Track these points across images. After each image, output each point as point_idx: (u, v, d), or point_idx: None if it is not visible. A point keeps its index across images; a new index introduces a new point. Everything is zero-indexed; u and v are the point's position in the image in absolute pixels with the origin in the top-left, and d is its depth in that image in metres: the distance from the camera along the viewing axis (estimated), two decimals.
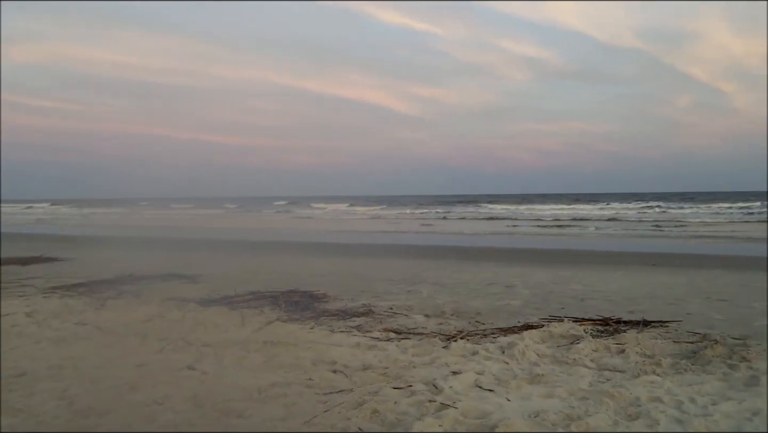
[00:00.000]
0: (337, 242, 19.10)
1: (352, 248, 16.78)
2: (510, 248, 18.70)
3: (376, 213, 49.42)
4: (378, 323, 6.66)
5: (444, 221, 37.26)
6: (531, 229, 28.23)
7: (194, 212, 52.02)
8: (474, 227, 30.45)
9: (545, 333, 5.87)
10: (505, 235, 24.93)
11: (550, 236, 24.00)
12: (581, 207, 50.70)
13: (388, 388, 4.25)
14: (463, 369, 4.69)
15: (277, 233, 24.82)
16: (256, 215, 48.15)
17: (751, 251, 16.79)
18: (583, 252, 16.86)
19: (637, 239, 22.27)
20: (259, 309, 7.29)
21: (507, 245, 19.56)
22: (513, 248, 18.34)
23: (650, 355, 5.16)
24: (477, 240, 22.16)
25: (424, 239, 22.62)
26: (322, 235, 24.26)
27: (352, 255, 14.66)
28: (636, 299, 8.27)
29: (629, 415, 3.70)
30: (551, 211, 46.31)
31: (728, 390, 4.21)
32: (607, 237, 23.15)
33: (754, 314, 7.15)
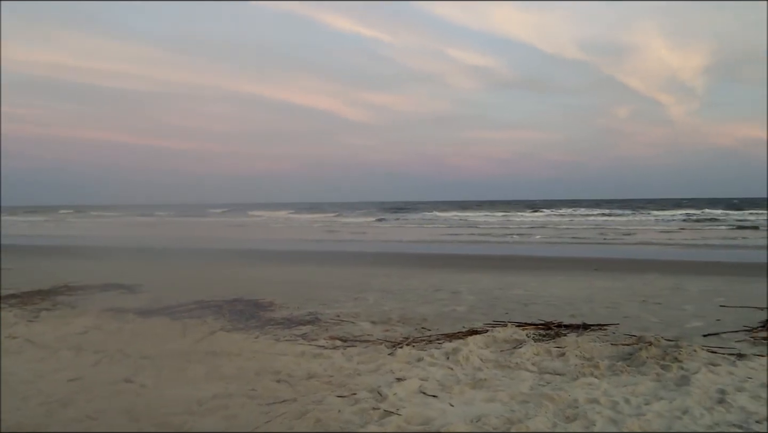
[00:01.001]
0: (282, 250, 18.87)
1: (300, 256, 16.63)
2: (457, 254, 18.94)
3: (315, 220, 49.02)
4: (324, 331, 6.62)
5: (388, 228, 37.42)
6: (475, 236, 28.65)
7: (126, 220, 50.39)
8: (421, 233, 30.69)
9: (489, 338, 5.96)
10: (452, 242, 25.23)
11: (495, 243, 24.44)
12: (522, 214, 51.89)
13: (332, 396, 4.22)
14: (408, 376, 4.71)
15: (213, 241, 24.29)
16: (180, 223, 46.84)
17: (684, 256, 17.56)
18: (528, 258, 17.26)
19: (579, 245, 22.93)
20: (201, 319, 7.12)
21: (454, 252, 19.80)
22: (460, 255, 18.59)
23: (589, 358, 5.31)
24: (424, 247, 22.35)
25: (371, 246, 22.63)
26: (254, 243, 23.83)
27: (300, 263, 14.53)
28: (577, 303, 8.51)
29: (567, 417, 3.80)
30: (494, 218, 47.22)
31: (661, 390, 4.38)
32: (550, 243, 23.74)
33: (686, 316, 7.48)
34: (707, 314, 7.50)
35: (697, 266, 14.16)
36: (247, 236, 29.12)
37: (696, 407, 3.93)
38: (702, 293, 9.26)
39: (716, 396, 4.17)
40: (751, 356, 5.26)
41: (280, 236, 29.94)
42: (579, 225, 36.43)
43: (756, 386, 4.42)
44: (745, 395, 4.20)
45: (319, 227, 38.06)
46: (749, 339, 6.06)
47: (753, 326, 6.66)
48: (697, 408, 3.92)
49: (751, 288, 9.77)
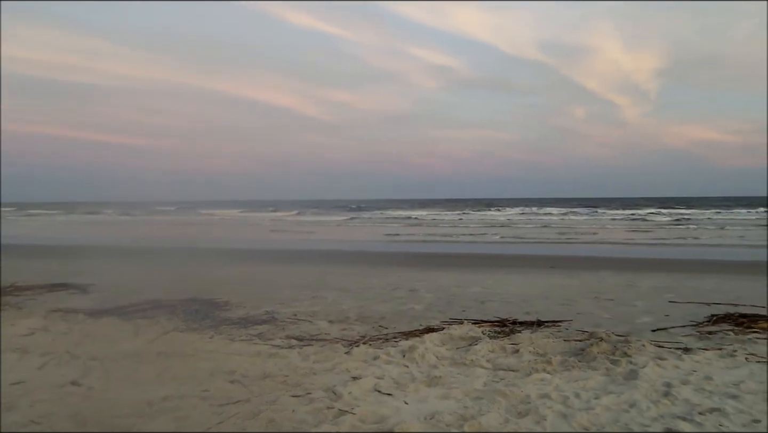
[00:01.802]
0: (238, 249, 18.60)
1: (257, 255, 16.43)
2: (416, 253, 19.01)
3: (272, 218, 48.43)
4: (281, 330, 6.55)
5: (348, 227, 37.34)
6: (434, 235, 28.84)
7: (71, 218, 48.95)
8: (381, 232, 30.70)
9: (445, 336, 6.00)
10: (411, 241, 25.33)
11: (454, 241, 24.64)
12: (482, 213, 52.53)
13: (287, 396, 4.18)
14: (364, 374, 4.71)
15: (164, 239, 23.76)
16: (128, 221, 45.72)
17: (636, 254, 18.05)
18: (485, 256, 17.45)
19: (536, 244, 23.32)
20: (154, 319, 6.97)
21: (413, 250, 19.88)
22: (419, 253, 18.67)
23: (542, 353, 5.40)
24: (383, 245, 22.36)
25: (330, 245, 22.52)
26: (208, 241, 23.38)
27: (258, 262, 14.35)
28: (533, 300, 8.65)
29: (519, 412, 3.85)
30: (454, 216, 47.66)
31: (610, 384, 4.49)
32: (507, 242, 24.07)
33: (637, 312, 7.68)
34: (656, 310, 7.72)
35: (649, 264, 14.58)
36: (200, 234, 28.56)
37: (643, 400, 4.04)
38: (652, 290, 9.54)
39: (662, 389, 4.30)
40: (697, 350, 5.44)
41: (235, 234, 29.48)
42: (537, 224, 37.05)
43: (700, 378, 4.58)
44: (690, 388, 4.34)
45: (276, 225, 37.66)
46: (695, 334, 6.27)
47: (699, 321, 6.90)
48: (644, 401, 4.03)
49: (699, 284, 10.12)
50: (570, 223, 37.80)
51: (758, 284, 10.11)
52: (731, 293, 9.08)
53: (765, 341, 5.85)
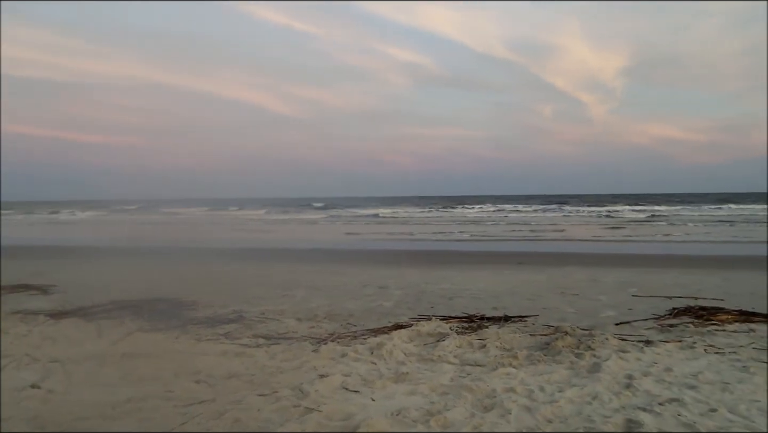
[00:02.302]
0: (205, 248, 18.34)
1: (226, 253, 16.24)
2: (385, 250, 19.02)
3: (240, 216, 47.89)
4: (248, 329, 6.49)
5: (318, 224, 37.21)
6: (405, 232, 28.93)
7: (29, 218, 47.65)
8: (351, 229, 30.67)
9: (413, 332, 6.03)
10: (380, 238, 25.36)
11: (423, 239, 24.74)
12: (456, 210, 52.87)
13: (253, 395, 4.15)
14: (331, 372, 4.70)
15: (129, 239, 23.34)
16: (87, 220, 44.72)
17: (602, 249, 18.38)
18: (455, 253, 17.60)
19: (505, 240, 23.57)
20: (118, 320, 6.85)
21: (382, 248, 19.90)
22: (388, 251, 18.67)
23: (509, 348, 5.47)
24: (353, 243, 22.34)
25: (300, 243, 22.41)
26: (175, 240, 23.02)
27: (226, 260, 14.18)
28: (500, 296, 8.74)
29: (485, 406, 3.89)
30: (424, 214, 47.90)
31: (574, 377, 4.57)
32: (476, 239, 24.28)
33: (601, 306, 7.83)
34: (620, 304, 7.88)
35: (613, 259, 14.86)
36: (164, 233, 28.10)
37: (605, 393, 4.13)
38: (616, 284, 9.73)
39: (624, 381, 4.40)
40: (658, 343, 5.58)
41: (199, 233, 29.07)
42: (506, 221, 37.46)
43: (660, 370, 4.69)
44: (651, 379, 4.44)
45: (242, 224, 37.27)
46: (657, 327, 6.42)
47: (661, 314, 7.07)
48: (606, 393, 4.11)
49: (661, 278, 10.36)
50: (538, 220, 38.32)
51: (717, 278, 10.41)
52: (692, 286, 9.32)
53: (723, 332, 6.03)
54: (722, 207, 47.33)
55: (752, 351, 5.25)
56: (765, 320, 6.54)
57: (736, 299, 7.97)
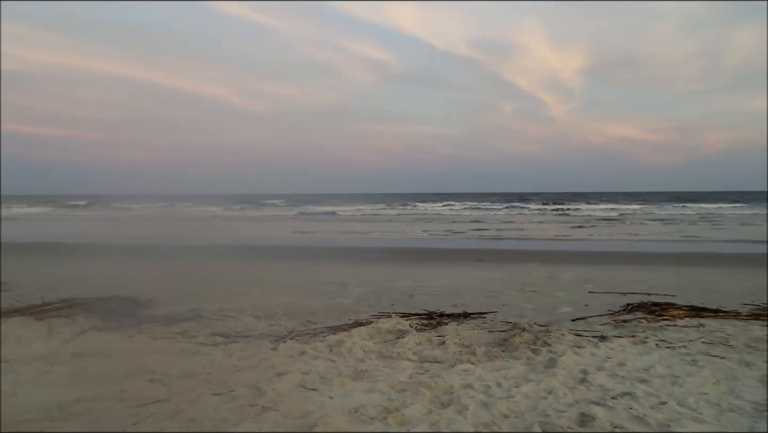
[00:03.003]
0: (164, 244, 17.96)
1: (185, 250, 15.93)
2: (348, 247, 18.97)
3: (200, 212, 46.98)
4: (205, 327, 6.38)
5: (281, 221, 36.88)
6: (369, 230, 28.93)
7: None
8: (313, 226, 30.49)
9: (373, 329, 6.03)
10: (344, 235, 25.29)
11: (386, 236, 24.78)
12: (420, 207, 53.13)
13: (209, 395, 4.08)
14: (289, 370, 4.65)
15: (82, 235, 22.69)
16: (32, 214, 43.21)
17: (560, 247, 18.72)
18: (417, 250, 17.65)
19: (467, 238, 23.78)
20: (71, 318, 6.65)
21: (345, 245, 19.84)
22: (351, 247, 18.63)
23: (467, 345, 5.51)
24: (315, 240, 22.21)
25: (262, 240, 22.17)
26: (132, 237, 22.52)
27: (185, 257, 13.92)
28: (460, 292, 8.81)
29: (442, 403, 3.91)
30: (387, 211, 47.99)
31: (530, 373, 4.63)
32: (439, 235, 24.43)
33: (558, 302, 7.97)
34: (577, 300, 8.04)
35: (572, 256, 15.17)
36: (116, 229, 27.42)
37: (560, 388, 4.20)
38: (574, 281, 9.92)
39: (579, 376, 4.48)
40: (612, 338, 5.70)
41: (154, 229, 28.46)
42: (467, 218, 37.82)
43: (614, 364, 4.80)
44: (604, 374, 4.54)
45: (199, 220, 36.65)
46: (611, 322, 6.57)
47: (615, 310, 7.24)
48: (561, 388, 4.18)
49: (617, 275, 10.61)
50: (500, 217, 38.81)
51: (671, 275, 10.72)
52: (646, 283, 9.57)
53: (674, 327, 6.21)
54: (677, 206, 48.83)
55: (701, 345, 5.42)
56: (714, 315, 6.76)
57: (688, 295, 8.22)
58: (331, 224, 32.09)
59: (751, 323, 6.29)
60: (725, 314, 6.79)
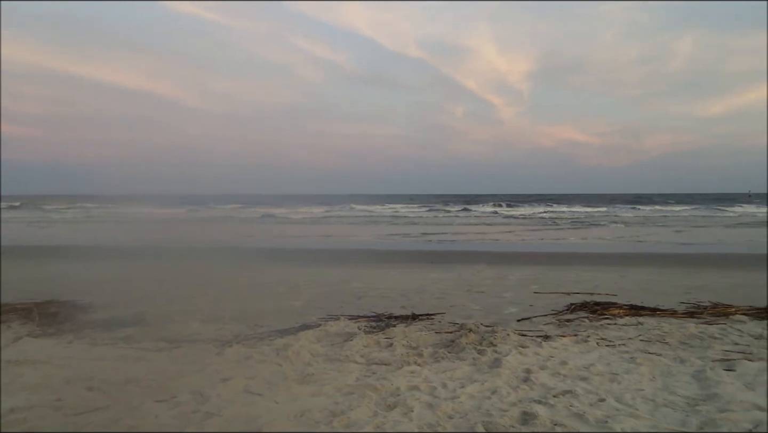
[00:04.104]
0: (106, 246, 17.41)
1: (126, 252, 15.48)
2: (298, 249, 18.84)
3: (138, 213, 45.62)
4: (149, 332, 6.21)
5: (228, 223, 36.29)
6: (318, 231, 28.80)
7: None
8: (262, 228, 30.15)
9: (321, 332, 6.01)
10: (294, 237, 25.09)
11: (338, 237, 24.73)
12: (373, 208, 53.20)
13: (151, 401, 3.98)
14: (234, 375, 4.59)
15: None
16: None
17: (508, 248, 19.08)
18: (368, 252, 17.66)
19: (419, 239, 23.96)
20: (5, 324, 6.37)
21: (295, 247, 19.69)
22: (301, 249, 18.51)
23: (415, 346, 5.56)
24: (264, 242, 21.96)
25: (211, 242, 21.76)
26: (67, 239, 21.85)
27: (128, 259, 13.51)
28: (410, 294, 8.87)
29: (388, 405, 3.93)
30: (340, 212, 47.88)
31: (475, 373, 4.70)
32: (389, 237, 24.53)
33: (504, 303, 8.12)
34: (523, 301, 8.21)
35: (520, 257, 15.47)
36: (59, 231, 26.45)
37: (504, 387, 4.28)
38: (520, 281, 10.13)
39: (522, 375, 4.58)
40: (555, 337, 5.85)
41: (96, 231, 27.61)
42: (420, 220, 38.11)
43: (556, 363, 4.93)
44: (547, 373, 4.65)
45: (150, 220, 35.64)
46: (555, 322, 6.74)
47: (559, 309, 7.43)
48: (505, 387, 4.27)
49: (562, 275, 10.89)
50: (451, 219, 39.28)
51: (613, 275, 11.08)
52: (590, 283, 9.86)
53: (615, 326, 6.42)
54: (622, 207, 50.50)
55: (639, 343, 5.63)
56: (652, 313, 7.03)
57: (629, 294, 8.52)
58: (270, 227, 31.78)
59: (687, 321, 6.57)
60: (663, 312, 7.07)
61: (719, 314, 6.84)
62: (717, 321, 6.49)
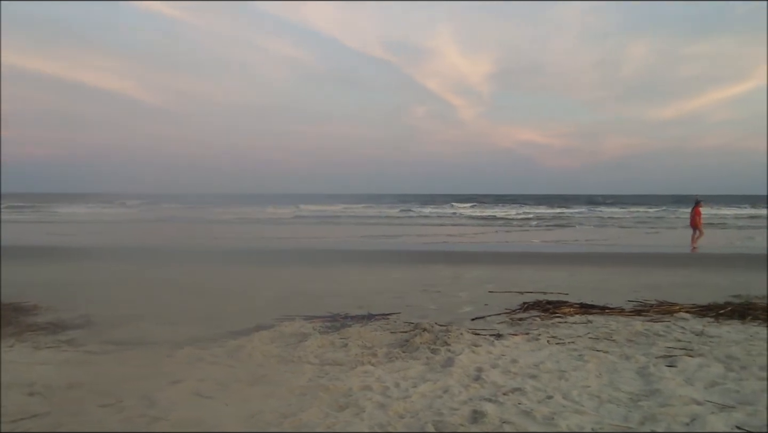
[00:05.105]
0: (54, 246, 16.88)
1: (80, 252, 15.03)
2: (257, 249, 18.62)
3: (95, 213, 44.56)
4: (97, 334, 6.04)
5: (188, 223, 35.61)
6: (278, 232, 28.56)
7: None
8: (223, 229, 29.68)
9: (275, 333, 5.96)
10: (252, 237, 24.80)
11: (298, 238, 24.55)
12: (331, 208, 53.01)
13: (94, 407, 3.87)
14: (184, 378, 4.50)
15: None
16: None
17: (466, 248, 19.31)
18: (329, 251, 17.59)
19: (380, 239, 23.99)
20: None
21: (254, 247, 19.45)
22: (260, 250, 18.30)
23: (369, 346, 5.56)
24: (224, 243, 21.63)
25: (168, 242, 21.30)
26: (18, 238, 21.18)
27: (74, 259, 13.12)
28: (367, 294, 8.87)
29: (340, 406, 3.92)
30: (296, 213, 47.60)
31: (428, 372, 4.73)
32: (349, 238, 24.50)
33: (460, 302, 8.21)
34: (478, 300, 8.31)
35: (477, 257, 15.68)
36: None
37: (456, 386, 4.32)
38: (475, 281, 10.26)
39: (474, 374, 4.63)
40: (507, 335, 5.95)
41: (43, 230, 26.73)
42: (382, 222, 38.17)
43: (507, 362, 5.00)
44: (498, 371, 4.72)
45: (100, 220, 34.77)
46: (508, 320, 6.85)
47: (513, 308, 7.55)
48: (457, 386, 4.31)
49: (516, 275, 11.07)
50: (412, 219, 39.47)
51: (565, 274, 11.33)
52: (543, 282, 10.05)
53: (565, 324, 6.56)
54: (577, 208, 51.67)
55: (588, 341, 5.76)
56: (601, 311, 7.21)
57: (580, 293, 8.70)
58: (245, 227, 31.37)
59: (633, 319, 6.77)
60: (611, 310, 7.26)
61: (664, 312, 7.07)
62: (662, 319, 6.70)
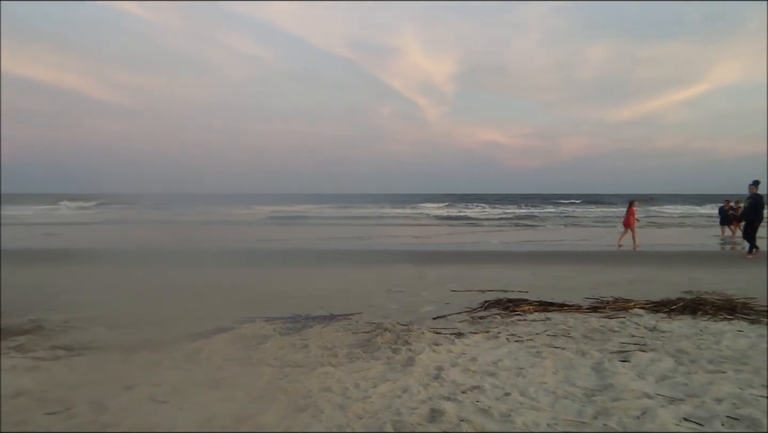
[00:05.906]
0: None
1: (26, 255, 14.57)
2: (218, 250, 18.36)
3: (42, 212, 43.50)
4: (46, 340, 5.85)
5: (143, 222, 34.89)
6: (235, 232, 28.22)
7: None
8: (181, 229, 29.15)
9: (235, 335, 5.87)
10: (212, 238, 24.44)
11: (258, 239, 24.30)
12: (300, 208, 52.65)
13: (42, 414, 3.74)
14: (139, 383, 4.38)
15: None
16: None
17: (430, 248, 19.40)
18: (293, 252, 17.47)
19: (345, 240, 23.92)
20: None
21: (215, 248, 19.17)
22: (221, 250, 18.05)
23: (330, 347, 5.52)
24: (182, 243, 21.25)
25: (121, 243, 20.83)
26: None
27: (22, 262, 12.71)
28: (330, 295, 8.82)
29: (298, 408, 3.87)
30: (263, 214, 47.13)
31: (389, 372, 4.72)
32: (317, 239, 24.36)
33: (422, 301, 8.24)
34: (439, 299, 8.35)
35: (440, 256, 15.78)
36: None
37: (415, 385, 4.32)
38: (438, 280, 10.31)
39: (434, 373, 4.64)
40: (468, 334, 5.98)
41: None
42: (349, 222, 38.06)
43: (467, 360, 5.03)
44: (457, 370, 4.74)
45: (50, 220, 33.80)
46: (469, 319, 6.89)
47: (474, 307, 7.60)
48: (416, 385, 4.30)
49: (477, 273, 11.18)
50: (379, 220, 39.47)
51: (526, 272, 11.48)
52: (503, 280, 10.17)
53: (524, 322, 6.64)
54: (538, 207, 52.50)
55: (546, 338, 5.84)
56: (559, 309, 7.32)
57: (539, 291, 8.83)
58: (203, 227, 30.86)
59: (590, 315, 6.90)
60: (569, 307, 7.38)
61: (620, 308, 7.23)
62: (617, 315, 6.85)
